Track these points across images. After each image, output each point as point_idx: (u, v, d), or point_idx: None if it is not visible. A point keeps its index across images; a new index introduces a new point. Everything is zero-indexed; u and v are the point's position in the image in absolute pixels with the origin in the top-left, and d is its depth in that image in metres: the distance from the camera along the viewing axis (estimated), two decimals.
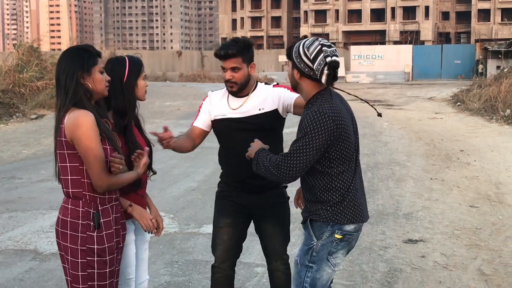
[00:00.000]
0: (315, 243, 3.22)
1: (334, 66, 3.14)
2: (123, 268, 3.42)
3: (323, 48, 3.14)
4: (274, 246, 3.95)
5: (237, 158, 3.79)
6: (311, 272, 3.22)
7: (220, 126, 3.92)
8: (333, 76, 3.16)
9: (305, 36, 3.31)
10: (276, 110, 3.83)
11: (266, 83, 3.98)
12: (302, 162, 3.07)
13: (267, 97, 3.84)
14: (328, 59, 3.12)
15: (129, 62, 3.46)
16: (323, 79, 3.14)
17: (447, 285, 5.27)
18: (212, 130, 4.01)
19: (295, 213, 7.50)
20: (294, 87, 3.33)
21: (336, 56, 3.15)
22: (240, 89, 3.82)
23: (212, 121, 3.95)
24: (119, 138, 3.25)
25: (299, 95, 3.62)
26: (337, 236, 3.20)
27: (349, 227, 3.24)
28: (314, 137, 3.05)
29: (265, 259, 4.06)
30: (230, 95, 3.90)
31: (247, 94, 3.86)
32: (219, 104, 3.93)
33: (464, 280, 5.41)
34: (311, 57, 3.13)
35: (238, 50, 3.72)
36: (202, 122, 3.99)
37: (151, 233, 3.50)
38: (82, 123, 2.93)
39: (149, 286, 5.22)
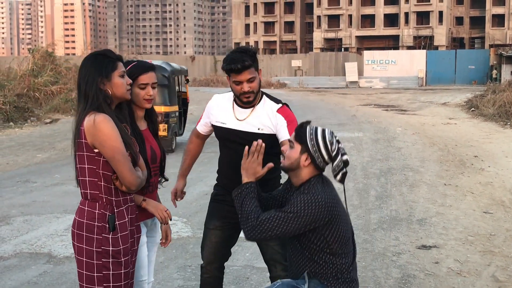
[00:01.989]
0: (304, 287, 3.17)
1: (347, 165, 3.20)
2: (136, 270, 3.45)
3: (340, 145, 3.18)
4: (271, 252, 3.92)
5: (230, 166, 3.88)
6: None
7: (218, 133, 3.96)
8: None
9: (308, 122, 3.26)
10: (274, 135, 3.79)
11: (272, 98, 3.89)
12: (275, 232, 3.01)
13: (269, 120, 3.78)
14: (344, 157, 3.16)
15: (131, 66, 3.50)
16: (339, 178, 3.18)
17: None
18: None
19: None
20: (291, 169, 3.19)
21: (346, 153, 3.21)
22: (255, 98, 3.78)
23: (212, 125, 3.99)
24: (136, 143, 3.27)
25: (288, 137, 3.62)
26: None
27: None
28: (299, 218, 3.00)
29: (267, 268, 4.04)
30: (235, 104, 3.87)
31: (254, 105, 3.81)
32: (223, 111, 3.91)
33: (478, 286, 5.38)
34: (333, 155, 3.15)
35: (251, 60, 3.68)
36: (203, 126, 4.10)
37: (165, 224, 3.58)
38: (103, 126, 2.98)
39: None
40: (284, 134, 3.73)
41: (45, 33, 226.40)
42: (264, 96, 3.87)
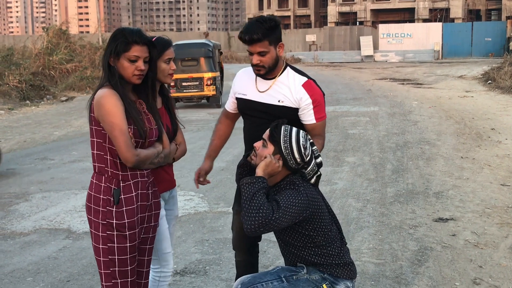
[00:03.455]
0: (302, 273, 3.21)
1: (321, 167, 3.23)
2: (158, 243, 3.48)
3: (313, 148, 3.18)
4: None
5: (249, 139, 3.80)
6: (278, 283, 3.18)
7: (239, 105, 3.87)
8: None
9: (284, 121, 3.23)
10: (295, 109, 3.66)
11: (298, 71, 3.75)
12: (274, 225, 3.00)
13: (290, 93, 3.65)
14: (318, 160, 3.18)
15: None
16: (313, 180, 3.19)
17: (478, 264, 5.24)
18: None
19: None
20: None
21: (320, 155, 3.23)
22: (268, 72, 3.66)
23: (236, 98, 3.91)
24: (152, 119, 3.26)
25: (314, 122, 3.62)
26: (325, 287, 3.18)
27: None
28: (289, 210, 3.01)
29: None
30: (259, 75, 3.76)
31: (275, 77, 3.69)
32: (245, 83, 3.82)
33: (495, 258, 5.38)
34: (307, 159, 3.15)
35: (264, 34, 3.51)
36: (230, 103, 4.01)
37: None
38: (105, 101, 3.02)
39: (180, 263, 5.31)
40: (310, 118, 3.64)
41: (59, 11, 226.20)
42: (288, 68, 3.74)
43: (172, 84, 18.75)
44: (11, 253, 5.77)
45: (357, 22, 75.48)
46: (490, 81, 25.28)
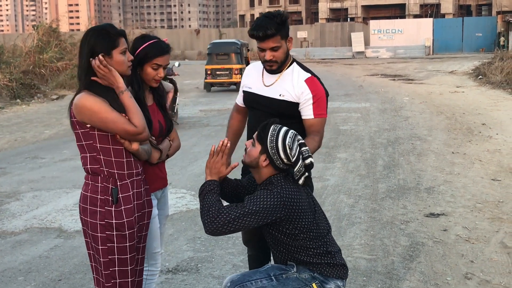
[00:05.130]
0: (291, 271, 3.20)
1: (311, 168, 3.16)
2: (148, 242, 3.47)
3: (302, 149, 3.13)
4: None
5: (250, 132, 3.80)
6: (267, 282, 3.17)
7: (245, 98, 3.91)
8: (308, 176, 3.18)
9: (274, 120, 3.20)
10: (297, 104, 3.68)
11: (303, 67, 3.77)
12: (235, 225, 2.99)
13: (292, 88, 3.67)
14: (307, 161, 3.13)
15: (148, 44, 3.41)
16: (301, 181, 3.14)
17: (469, 258, 5.26)
18: None
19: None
20: (251, 167, 3.22)
21: (311, 156, 3.16)
22: (279, 67, 3.69)
23: (243, 91, 3.93)
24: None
25: (312, 117, 3.62)
26: (314, 286, 3.16)
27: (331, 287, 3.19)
28: (256, 212, 2.99)
29: None
30: (265, 70, 3.78)
31: (281, 71, 3.72)
32: (252, 77, 3.85)
33: (486, 253, 5.40)
34: (293, 160, 3.11)
35: (277, 29, 3.55)
36: (240, 96, 4.03)
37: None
38: (84, 102, 2.99)
39: (172, 261, 5.31)
40: (308, 113, 3.66)
41: (49, 9, 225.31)
42: (294, 63, 3.77)
43: (208, 72, 24.69)
44: (2, 253, 5.74)
45: (348, 19, 75.51)
46: (481, 76, 25.37)
